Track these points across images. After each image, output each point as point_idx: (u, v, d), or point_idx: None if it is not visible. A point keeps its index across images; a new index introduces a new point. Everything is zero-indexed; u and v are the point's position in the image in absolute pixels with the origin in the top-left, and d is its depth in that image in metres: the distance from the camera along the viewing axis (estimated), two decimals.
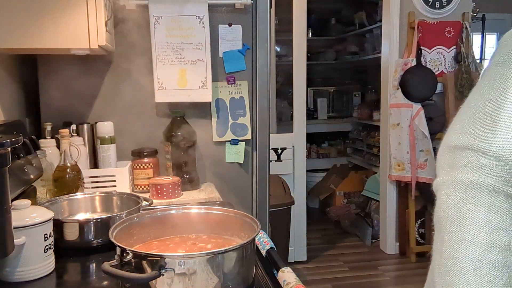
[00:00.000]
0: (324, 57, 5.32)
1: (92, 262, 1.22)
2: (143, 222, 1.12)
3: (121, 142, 1.90)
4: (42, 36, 1.47)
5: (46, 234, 1.09)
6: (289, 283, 1.04)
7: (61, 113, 1.89)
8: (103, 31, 1.51)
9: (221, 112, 2.05)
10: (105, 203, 1.46)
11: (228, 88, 2.05)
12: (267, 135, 2.05)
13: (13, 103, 1.77)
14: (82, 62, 1.88)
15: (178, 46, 1.92)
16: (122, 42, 1.92)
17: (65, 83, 1.91)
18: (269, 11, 2.00)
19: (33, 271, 1.07)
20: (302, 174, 3.56)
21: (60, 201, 1.41)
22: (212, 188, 1.95)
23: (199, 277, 0.90)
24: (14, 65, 1.82)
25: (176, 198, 1.78)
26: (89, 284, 1.14)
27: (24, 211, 1.07)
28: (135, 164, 1.87)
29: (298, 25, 3.46)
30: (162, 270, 0.88)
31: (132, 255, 0.92)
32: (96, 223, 1.26)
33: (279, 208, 3.04)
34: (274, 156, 3.42)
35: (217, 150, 2.06)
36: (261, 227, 1.03)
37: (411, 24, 3.41)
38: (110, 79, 1.95)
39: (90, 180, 1.73)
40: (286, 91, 4.50)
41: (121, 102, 1.96)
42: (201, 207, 1.19)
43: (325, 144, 5.09)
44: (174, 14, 1.91)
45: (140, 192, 1.84)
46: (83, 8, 1.48)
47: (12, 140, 0.93)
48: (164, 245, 1.09)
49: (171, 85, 1.93)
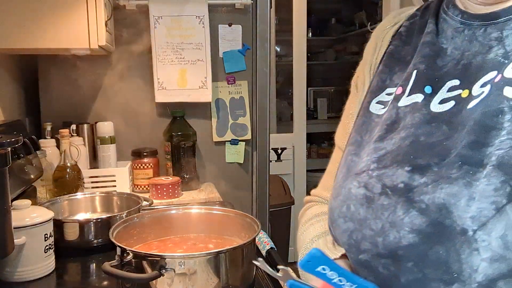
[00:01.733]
0: (324, 57, 5.31)
1: (92, 262, 1.22)
2: (143, 222, 1.12)
3: (121, 142, 1.90)
4: (42, 36, 1.47)
5: (46, 234, 1.09)
6: None
7: (61, 113, 1.89)
8: (103, 31, 1.51)
9: (221, 112, 2.05)
10: (105, 203, 1.46)
11: (228, 88, 2.05)
12: (267, 135, 2.05)
13: (13, 103, 1.77)
14: (82, 62, 1.87)
15: (178, 46, 1.92)
16: (122, 42, 1.92)
17: (65, 83, 1.91)
18: (269, 11, 2.00)
19: (33, 271, 1.07)
20: (302, 174, 3.56)
21: (60, 201, 1.41)
22: (212, 188, 1.95)
23: (199, 277, 0.90)
24: (14, 65, 1.82)
25: (176, 198, 1.78)
26: (89, 284, 1.14)
27: (24, 211, 1.07)
28: (135, 164, 1.87)
29: (298, 25, 3.46)
30: (162, 270, 0.88)
31: (132, 255, 0.92)
32: (96, 223, 1.26)
33: (279, 208, 3.04)
34: (274, 156, 3.42)
35: (217, 150, 2.06)
36: (261, 227, 1.03)
37: None
38: (110, 79, 1.95)
39: (90, 180, 1.73)
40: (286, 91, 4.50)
41: (121, 102, 1.96)
42: (201, 207, 1.19)
43: (325, 144, 5.08)
44: (174, 14, 1.91)
45: (140, 192, 1.84)
46: (83, 8, 1.48)
47: (12, 140, 0.93)
48: (164, 245, 1.09)
49: (171, 85, 1.93)
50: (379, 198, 0.58)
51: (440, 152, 0.56)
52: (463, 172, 0.53)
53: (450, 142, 0.57)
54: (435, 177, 0.55)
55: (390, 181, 0.58)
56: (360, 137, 0.68)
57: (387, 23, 0.77)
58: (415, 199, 0.55)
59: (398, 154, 0.60)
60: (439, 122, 0.59)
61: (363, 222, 0.59)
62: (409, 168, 0.57)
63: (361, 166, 0.63)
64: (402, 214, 0.55)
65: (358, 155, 0.66)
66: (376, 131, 0.65)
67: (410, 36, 0.72)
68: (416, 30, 0.71)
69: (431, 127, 0.59)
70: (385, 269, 0.57)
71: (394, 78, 0.70)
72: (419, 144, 0.59)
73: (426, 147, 0.58)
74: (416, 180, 0.56)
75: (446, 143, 0.57)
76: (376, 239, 0.57)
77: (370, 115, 0.69)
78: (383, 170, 0.60)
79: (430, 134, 0.59)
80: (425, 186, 0.55)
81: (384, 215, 0.57)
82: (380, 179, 0.59)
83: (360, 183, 0.61)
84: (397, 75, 0.69)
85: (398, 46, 0.72)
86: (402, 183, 0.57)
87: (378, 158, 0.62)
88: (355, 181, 0.63)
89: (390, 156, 0.61)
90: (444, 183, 0.53)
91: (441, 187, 0.53)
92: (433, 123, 0.59)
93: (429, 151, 0.57)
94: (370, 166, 0.62)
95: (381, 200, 0.58)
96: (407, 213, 0.55)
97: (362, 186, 0.61)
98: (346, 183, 0.64)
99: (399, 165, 0.59)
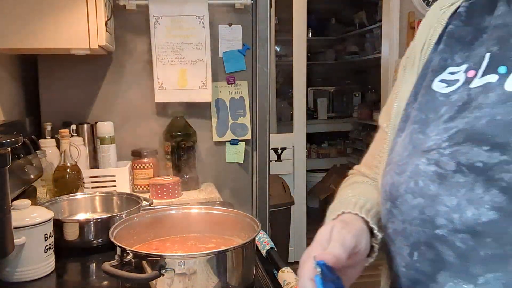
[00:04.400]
0: (324, 57, 5.32)
1: (92, 262, 1.22)
2: (143, 222, 1.12)
3: (121, 142, 1.90)
4: (42, 36, 1.47)
5: (46, 234, 1.09)
6: (289, 283, 1.04)
7: (61, 113, 1.89)
8: (103, 31, 1.51)
9: (221, 112, 2.05)
10: (105, 203, 1.46)
11: (228, 88, 2.05)
12: (267, 135, 2.05)
13: (13, 103, 1.76)
14: (82, 62, 1.87)
15: (178, 46, 1.92)
16: (122, 42, 1.92)
17: (65, 83, 1.91)
18: (269, 11, 2.00)
19: (33, 271, 1.07)
20: (302, 174, 3.56)
21: (60, 201, 1.41)
22: (212, 188, 1.95)
23: (199, 277, 0.90)
24: (14, 65, 1.82)
25: (176, 198, 1.78)
26: (89, 284, 1.14)
27: (24, 211, 1.07)
28: (135, 164, 1.87)
29: (298, 25, 3.46)
30: (162, 270, 0.88)
31: (132, 255, 0.92)
32: (96, 223, 1.26)
33: (279, 208, 3.04)
34: (274, 156, 3.42)
35: (217, 150, 2.06)
36: (261, 227, 1.03)
37: (411, 24, 3.40)
38: (110, 79, 1.95)
39: (90, 180, 1.73)
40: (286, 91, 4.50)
41: (121, 102, 1.96)
42: (201, 207, 1.19)
43: (325, 144, 5.08)
44: (174, 14, 1.91)
45: (140, 192, 1.84)
46: (83, 8, 1.48)
47: (12, 140, 0.93)
48: (164, 245, 1.09)
49: (171, 85, 1.93)
50: (453, 176, 0.59)
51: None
52: None
53: None
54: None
55: (465, 159, 0.58)
56: (425, 115, 0.68)
57: (443, 3, 0.78)
58: (495, 177, 0.55)
59: (474, 133, 0.60)
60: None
61: (435, 198, 0.60)
62: (487, 148, 0.57)
63: (430, 144, 0.63)
64: (481, 192, 0.56)
65: (424, 133, 0.66)
66: (444, 111, 0.65)
67: (470, 17, 0.72)
68: (478, 11, 0.72)
69: (507, 106, 0.59)
70: (463, 243, 0.57)
71: (456, 58, 0.70)
72: (496, 123, 0.59)
73: (504, 126, 0.58)
74: (495, 158, 0.56)
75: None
76: (452, 215, 0.58)
77: (433, 94, 0.69)
78: (456, 147, 0.60)
79: (507, 113, 0.59)
80: (506, 165, 0.55)
81: (460, 192, 0.58)
82: (454, 157, 0.60)
83: (430, 160, 0.62)
84: (459, 55, 0.70)
85: (458, 26, 0.73)
86: (481, 162, 0.57)
87: (449, 137, 0.62)
88: (423, 158, 0.63)
89: (462, 134, 0.61)
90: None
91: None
92: (509, 102, 0.59)
93: (508, 129, 0.58)
94: (441, 145, 0.62)
95: (456, 178, 0.59)
96: (487, 191, 0.56)
97: (433, 164, 0.61)
98: (413, 160, 0.64)
99: (475, 143, 0.59)
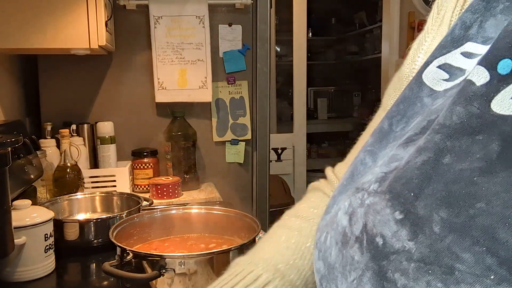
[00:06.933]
0: (324, 57, 5.32)
1: (92, 262, 1.22)
2: (143, 222, 1.12)
3: (121, 142, 1.90)
4: (42, 36, 1.47)
5: (46, 234, 1.09)
6: None
7: (61, 113, 1.89)
8: (103, 31, 1.51)
9: (221, 112, 2.05)
10: (105, 203, 1.46)
11: (228, 88, 2.05)
12: (267, 135, 2.05)
13: (13, 103, 1.76)
14: (82, 62, 1.87)
15: (178, 46, 1.92)
16: (122, 42, 1.92)
17: (65, 83, 1.91)
18: (269, 11, 2.00)
19: (33, 271, 1.07)
20: (302, 174, 3.56)
21: (60, 201, 1.41)
22: (212, 188, 1.95)
23: (199, 277, 0.90)
24: (14, 65, 1.82)
25: (176, 198, 1.78)
26: (89, 284, 1.14)
27: (24, 211, 1.07)
28: (135, 164, 1.87)
29: (298, 25, 3.46)
30: (162, 270, 0.88)
31: (132, 255, 0.92)
32: (96, 223, 1.26)
33: (279, 208, 3.04)
34: (274, 156, 3.43)
35: (217, 150, 2.06)
36: (261, 227, 1.04)
37: (411, 24, 3.41)
38: (110, 79, 1.95)
39: (90, 180, 1.73)
40: (286, 91, 4.50)
41: (121, 102, 1.96)
42: (201, 207, 1.19)
43: (325, 144, 5.09)
44: (174, 14, 1.91)
45: (140, 192, 1.84)
46: (83, 8, 1.48)
47: (12, 140, 0.93)
48: (164, 245, 1.09)
49: (171, 85, 1.93)
50: (353, 246, 0.38)
51: None
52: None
53: None
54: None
55: (372, 223, 0.36)
56: (389, 124, 0.44)
57: None
58: (387, 274, 0.34)
59: (402, 178, 0.36)
60: None
61: (331, 270, 0.40)
62: (400, 216, 0.34)
63: (368, 178, 0.41)
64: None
65: (374, 155, 0.44)
66: (417, 123, 0.41)
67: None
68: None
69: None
70: None
71: (487, 27, 0.42)
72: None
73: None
74: (400, 240, 0.34)
75: None
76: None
77: (419, 88, 0.43)
78: (377, 198, 0.37)
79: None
80: (407, 260, 0.33)
81: (350, 278, 0.37)
82: (366, 213, 0.37)
83: (349, 208, 0.40)
84: (491, 23, 0.42)
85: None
86: (382, 238, 0.35)
87: (384, 175, 0.39)
88: (348, 199, 0.41)
89: (394, 175, 0.38)
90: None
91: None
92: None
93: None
94: (370, 187, 0.39)
95: (352, 251, 0.38)
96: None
97: (349, 214, 0.40)
98: (340, 198, 0.43)
99: (392, 200, 0.36)
